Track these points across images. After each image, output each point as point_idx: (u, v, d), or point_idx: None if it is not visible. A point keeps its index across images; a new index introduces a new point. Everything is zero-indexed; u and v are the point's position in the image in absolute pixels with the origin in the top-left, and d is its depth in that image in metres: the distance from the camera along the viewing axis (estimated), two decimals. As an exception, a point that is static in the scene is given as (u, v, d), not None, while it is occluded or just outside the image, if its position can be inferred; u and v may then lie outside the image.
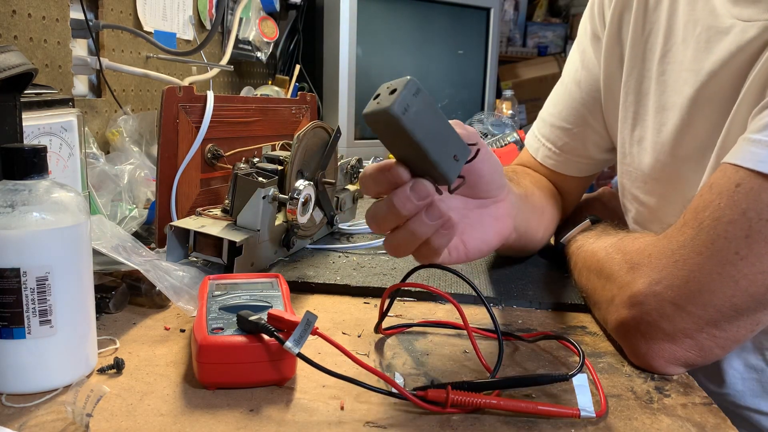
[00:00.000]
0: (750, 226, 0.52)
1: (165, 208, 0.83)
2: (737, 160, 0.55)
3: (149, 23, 1.25)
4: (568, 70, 0.88)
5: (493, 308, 0.72)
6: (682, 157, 0.70)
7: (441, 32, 1.96)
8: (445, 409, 0.49)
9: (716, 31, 0.65)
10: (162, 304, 0.68)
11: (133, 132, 1.10)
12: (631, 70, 0.77)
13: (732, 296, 0.53)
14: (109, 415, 0.47)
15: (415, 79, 0.46)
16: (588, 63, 0.84)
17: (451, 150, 0.49)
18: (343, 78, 1.68)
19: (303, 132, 0.82)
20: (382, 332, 0.63)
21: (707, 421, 0.50)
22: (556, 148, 0.88)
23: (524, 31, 4.22)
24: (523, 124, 2.68)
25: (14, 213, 0.48)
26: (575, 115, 0.85)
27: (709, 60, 0.65)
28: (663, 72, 0.72)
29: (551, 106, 0.89)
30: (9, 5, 0.88)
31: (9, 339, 0.49)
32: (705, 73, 0.66)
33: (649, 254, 0.58)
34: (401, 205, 0.49)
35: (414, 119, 0.46)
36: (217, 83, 1.56)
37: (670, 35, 0.72)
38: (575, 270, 0.74)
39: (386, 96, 0.46)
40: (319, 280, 0.76)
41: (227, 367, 0.51)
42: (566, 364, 0.59)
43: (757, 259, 0.52)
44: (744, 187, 0.53)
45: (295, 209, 0.77)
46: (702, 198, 0.56)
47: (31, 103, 0.70)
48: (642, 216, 0.79)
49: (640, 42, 0.76)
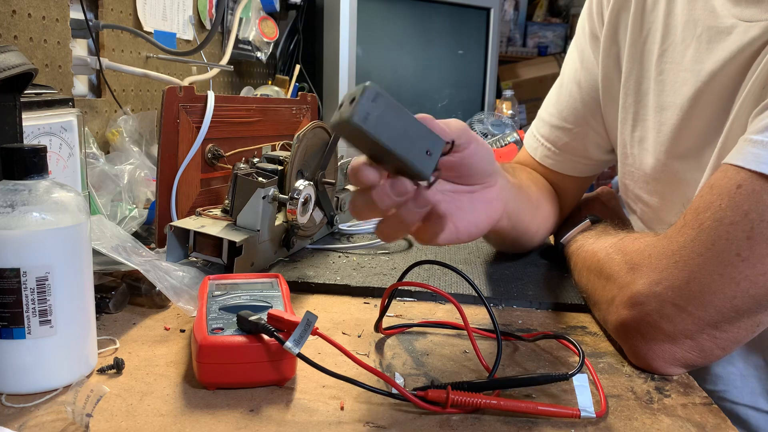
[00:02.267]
0: (752, 227, 0.52)
1: (165, 208, 0.83)
2: (738, 161, 0.54)
3: (149, 23, 1.25)
4: (567, 70, 0.88)
5: (493, 308, 0.72)
6: (681, 157, 0.70)
7: (441, 32, 1.96)
8: (445, 409, 0.49)
9: (717, 31, 0.65)
10: (162, 304, 0.68)
11: (133, 132, 1.10)
12: (630, 71, 0.77)
13: (733, 297, 0.53)
14: (109, 415, 0.47)
15: (373, 85, 0.47)
16: (587, 63, 0.84)
17: (423, 146, 0.49)
18: (343, 78, 1.68)
19: (303, 132, 0.82)
20: (382, 332, 0.64)
21: (707, 421, 0.50)
22: (556, 147, 0.88)
23: (524, 31, 4.23)
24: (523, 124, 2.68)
25: (14, 213, 0.48)
26: (575, 115, 0.85)
27: (710, 60, 0.65)
28: (661, 72, 0.72)
29: (551, 106, 0.89)
30: (9, 5, 0.88)
31: (9, 339, 0.49)
32: (706, 73, 0.66)
33: (650, 255, 0.58)
34: (380, 200, 0.50)
35: (376, 124, 0.46)
36: (217, 83, 1.56)
37: (668, 35, 0.72)
38: (575, 270, 0.74)
39: (347, 106, 0.47)
40: (319, 280, 0.76)
41: (227, 367, 0.51)
42: (566, 364, 0.59)
43: (758, 260, 0.52)
44: (745, 189, 0.53)
45: (295, 209, 0.77)
46: (703, 199, 0.56)
47: (31, 103, 0.70)
48: (647, 216, 0.79)
49: (639, 43, 0.76)
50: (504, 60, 3.60)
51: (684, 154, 0.70)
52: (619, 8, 0.78)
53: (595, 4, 0.82)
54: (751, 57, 0.61)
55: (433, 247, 0.93)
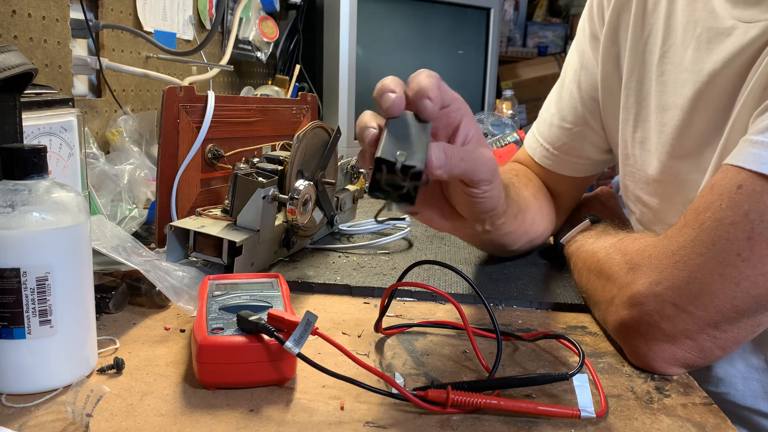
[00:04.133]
0: (752, 228, 0.52)
1: (165, 208, 0.83)
2: (739, 161, 0.54)
3: (149, 23, 1.25)
4: (568, 71, 0.88)
5: (493, 308, 0.72)
6: (682, 158, 0.70)
7: (441, 32, 1.96)
8: (445, 409, 0.49)
9: (717, 32, 0.65)
10: (162, 304, 0.68)
11: (133, 132, 1.10)
12: (631, 72, 0.77)
13: (733, 298, 0.53)
14: (109, 415, 0.47)
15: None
16: (587, 63, 0.84)
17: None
18: (343, 78, 1.68)
19: (303, 132, 0.82)
20: (382, 332, 0.63)
21: (707, 421, 0.50)
22: (554, 148, 0.88)
23: (524, 31, 4.23)
24: (523, 124, 2.68)
25: (14, 213, 0.48)
26: (575, 114, 0.85)
27: (710, 61, 0.65)
28: (662, 73, 0.72)
29: (552, 106, 0.89)
30: (9, 5, 0.88)
31: (9, 339, 0.49)
32: (705, 73, 0.66)
33: (650, 255, 0.58)
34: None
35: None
36: (217, 83, 1.56)
37: (669, 36, 0.72)
38: (575, 270, 0.74)
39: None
40: (319, 280, 0.76)
41: (227, 367, 0.51)
42: (566, 364, 0.59)
43: (758, 260, 0.52)
44: (746, 189, 0.53)
45: (295, 209, 0.77)
46: (703, 199, 0.56)
47: (31, 103, 0.70)
48: (646, 217, 0.79)
49: (640, 44, 0.76)
50: (504, 60, 3.60)
51: (685, 155, 0.70)
52: (619, 9, 0.78)
53: (596, 4, 0.82)
54: (751, 58, 0.61)
55: (433, 248, 0.93)
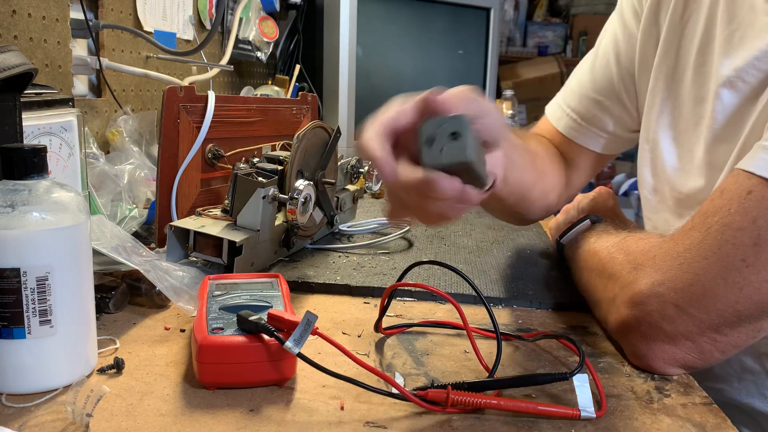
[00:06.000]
0: (759, 234, 0.52)
1: (165, 208, 0.83)
2: (750, 167, 0.54)
3: (149, 23, 1.25)
4: (606, 43, 0.86)
5: (493, 308, 0.72)
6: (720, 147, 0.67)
7: (441, 32, 1.96)
8: (445, 409, 0.49)
9: (751, 27, 0.63)
10: (162, 304, 0.68)
11: (133, 132, 1.10)
12: (664, 56, 0.75)
13: (735, 302, 0.53)
14: (109, 415, 0.47)
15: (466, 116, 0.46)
16: (629, 38, 0.81)
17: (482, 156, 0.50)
18: (343, 78, 1.68)
19: (303, 132, 0.82)
20: (382, 332, 0.64)
21: (707, 421, 0.50)
22: (582, 119, 0.86)
23: (524, 31, 4.23)
24: (523, 124, 2.68)
25: (14, 213, 0.48)
26: (609, 88, 0.84)
27: (739, 57, 0.64)
28: (703, 63, 0.70)
29: (583, 76, 0.87)
30: (9, 5, 0.88)
31: (9, 339, 0.49)
32: (732, 68, 0.64)
33: (654, 255, 0.58)
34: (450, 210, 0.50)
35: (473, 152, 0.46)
36: (217, 83, 1.56)
37: (712, 26, 0.69)
38: (576, 270, 0.74)
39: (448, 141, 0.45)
40: (319, 280, 0.76)
41: (227, 367, 0.51)
42: (566, 364, 0.59)
43: (763, 267, 0.52)
44: (756, 195, 0.53)
45: (295, 209, 0.77)
46: (712, 202, 0.56)
47: (31, 103, 0.70)
48: (653, 206, 0.77)
49: (678, 28, 0.73)
50: (504, 60, 3.60)
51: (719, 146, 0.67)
52: None
53: None
54: None
55: (433, 247, 0.93)
